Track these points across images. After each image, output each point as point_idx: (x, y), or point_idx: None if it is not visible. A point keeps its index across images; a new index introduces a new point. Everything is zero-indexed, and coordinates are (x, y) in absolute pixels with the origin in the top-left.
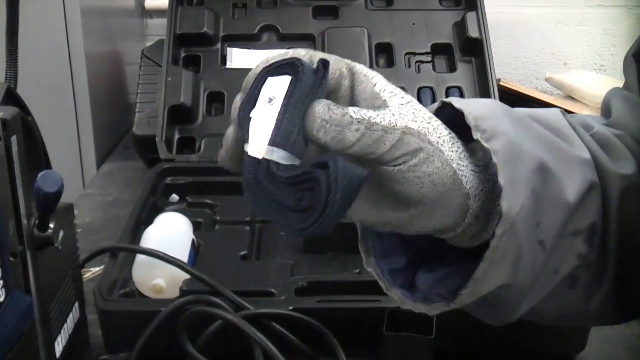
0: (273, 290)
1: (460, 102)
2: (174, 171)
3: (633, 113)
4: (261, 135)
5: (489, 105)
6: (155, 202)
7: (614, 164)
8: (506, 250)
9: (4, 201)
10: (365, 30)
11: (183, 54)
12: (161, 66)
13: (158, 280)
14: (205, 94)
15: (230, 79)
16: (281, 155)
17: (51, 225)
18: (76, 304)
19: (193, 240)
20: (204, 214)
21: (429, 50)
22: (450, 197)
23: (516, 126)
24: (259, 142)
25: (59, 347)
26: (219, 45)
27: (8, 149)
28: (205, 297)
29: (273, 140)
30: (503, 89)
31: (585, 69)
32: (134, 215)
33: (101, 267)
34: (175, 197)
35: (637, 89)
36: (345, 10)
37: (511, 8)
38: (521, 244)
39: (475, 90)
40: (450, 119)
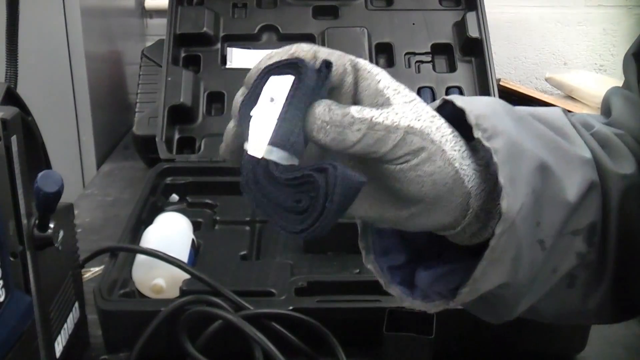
0: (273, 290)
1: (461, 101)
2: (174, 171)
3: (633, 112)
4: (261, 135)
5: (490, 104)
6: (155, 202)
7: (615, 164)
8: (506, 249)
9: (4, 201)
10: (365, 30)
11: (183, 54)
12: (161, 66)
13: (158, 280)
14: (205, 94)
15: (230, 79)
16: (280, 156)
17: (51, 225)
18: (76, 304)
19: (193, 240)
20: (204, 214)
21: (429, 50)
22: (451, 196)
23: (517, 125)
24: (258, 142)
25: (59, 347)
26: (219, 45)
27: (8, 149)
28: (205, 297)
29: (273, 140)
30: (503, 89)
31: (585, 69)
32: (134, 215)
33: (101, 267)
34: (175, 197)
35: (637, 88)
36: (345, 10)
37: (511, 8)
38: (521, 243)
39: (475, 90)
40: (451, 117)
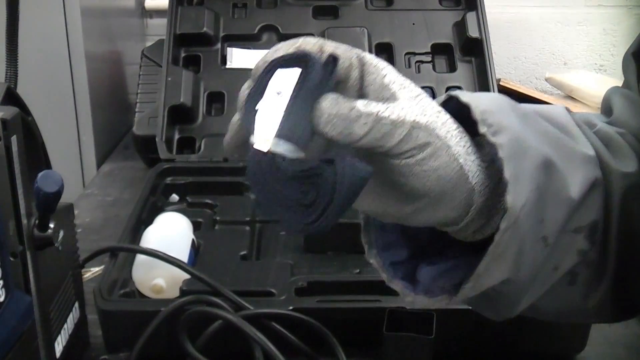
0: (273, 290)
1: (466, 96)
2: (174, 171)
3: (634, 111)
4: (268, 128)
5: (496, 100)
6: (155, 202)
7: (617, 162)
8: (509, 244)
9: (4, 201)
10: (365, 30)
11: (183, 54)
12: (161, 66)
13: (158, 280)
14: (205, 94)
15: (230, 79)
16: (287, 148)
17: (51, 225)
18: (76, 304)
19: (193, 240)
20: (204, 214)
21: (429, 50)
22: (455, 192)
23: (522, 121)
24: (265, 134)
25: (59, 347)
26: (219, 45)
27: (8, 149)
28: (205, 297)
29: (280, 133)
30: (503, 89)
31: (585, 69)
32: (134, 215)
33: (101, 267)
34: (175, 197)
35: (637, 87)
36: (345, 10)
37: (511, 8)
38: (524, 239)
39: (475, 90)
40: (455, 113)
